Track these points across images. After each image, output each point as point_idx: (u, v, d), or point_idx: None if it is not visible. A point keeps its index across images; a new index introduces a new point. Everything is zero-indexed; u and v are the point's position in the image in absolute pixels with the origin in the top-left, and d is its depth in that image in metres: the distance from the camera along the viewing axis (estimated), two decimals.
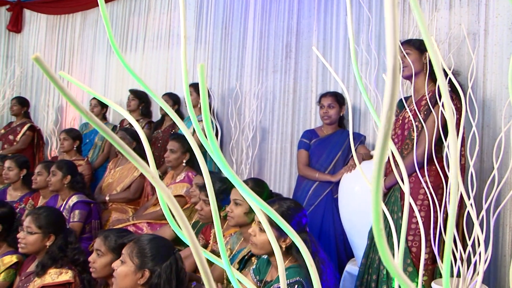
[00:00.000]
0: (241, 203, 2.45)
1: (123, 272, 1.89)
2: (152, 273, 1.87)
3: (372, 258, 2.68)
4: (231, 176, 0.51)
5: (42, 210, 2.60)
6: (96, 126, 0.40)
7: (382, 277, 2.59)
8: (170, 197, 0.42)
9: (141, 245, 1.93)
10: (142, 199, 4.19)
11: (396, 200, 2.64)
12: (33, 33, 6.92)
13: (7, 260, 2.70)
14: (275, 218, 0.52)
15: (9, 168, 4.04)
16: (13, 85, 6.51)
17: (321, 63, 4.28)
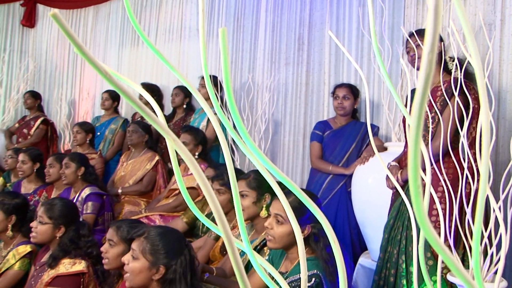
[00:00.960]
0: (248, 194, 2.45)
1: (137, 268, 1.87)
2: (168, 269, 1.86)
3: (390, 252, 2.63)
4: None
5: (56, 201, 2.61)
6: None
7: (401, 271, 2.55)
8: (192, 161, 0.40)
9: (153, 241, 1.91)
10: (154, 192, 4.20)
11: None
12: (46, 27, 6.95)
13: (22, 250, 2.73)
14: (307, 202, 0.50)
15: (23, 162, 4.07)
16: (27, 79, 6.54)
17: (334, 55, 4.25)
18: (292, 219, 0.59)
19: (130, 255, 1.93)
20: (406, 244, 2.54)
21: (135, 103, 0.41)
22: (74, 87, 6.46)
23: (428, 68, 0.28)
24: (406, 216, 2.57)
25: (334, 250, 0.54)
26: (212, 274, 2.38)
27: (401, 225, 2.58)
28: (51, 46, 6.85)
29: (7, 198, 2.88)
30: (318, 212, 0.49)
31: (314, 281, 1.83)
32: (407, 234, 2.56)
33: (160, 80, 5.44)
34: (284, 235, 1.97)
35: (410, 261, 2.50)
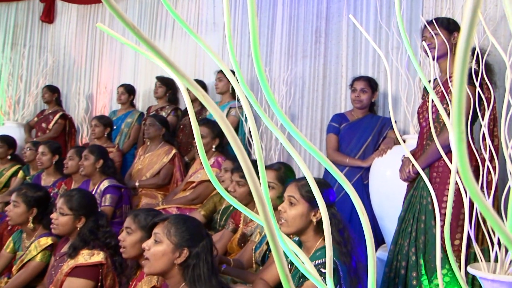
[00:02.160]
0: (275, 187, 2.44)
1: (160, 251, 1.86)
2: (191, 252, 1.86)
3: (401, 244, 2.62)
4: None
5: (75, 192, 2.64)
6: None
7: (411, 264, 2.53)
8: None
9: (178, 224, 1.91)
10: (171, 185, 4.22)
11: (425, 185, 2.56)
12: (64, 23, 7.01)
13: (43, 242, 2.76)
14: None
15: (42, 153, 4.12)
16: (45, 74, 6.61)
17: (351, 48, 4.21)
18: (317, 193, 0.58)
19: (152, 240, 1.91)
20: (417, 236, 2.53)
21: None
22: (92, 81, 6.52)
23: (464, 56, 0.27)
24: (417, 208, 2.56)
25: (363, 221, 0.53)
26: (229, 266, 2.38)
27: (412, 217, 2.57)
28: (69, 41, 6.92)
29: (29, 190, 2.92)
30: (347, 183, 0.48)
31: None
32: (417, 227, 2.54)
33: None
34: (296, 216, 1.97)
35: (420, 253, 2.49)
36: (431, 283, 2.43)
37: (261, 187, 0.43)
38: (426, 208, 2.52)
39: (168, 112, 4.93)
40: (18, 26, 7.15)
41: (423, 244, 2.50)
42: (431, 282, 2.44)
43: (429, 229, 2.48)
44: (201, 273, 1.84)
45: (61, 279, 2.40)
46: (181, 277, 1.89)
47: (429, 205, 2.51)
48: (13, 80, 6.70)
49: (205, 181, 3.66)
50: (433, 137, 2.52)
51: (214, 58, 0.55)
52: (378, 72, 4.02)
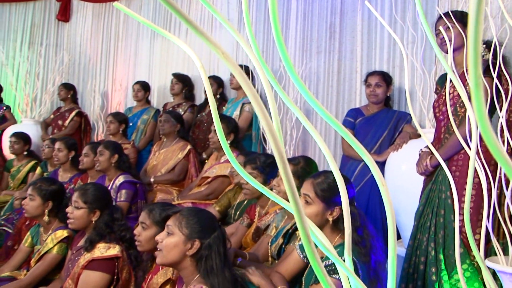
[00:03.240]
0: None
1: (172, 243, 1.88)
2: (202, 244, 1.87)
3: (419, 239, 2.59)
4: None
5: (89, 186, 2.66)
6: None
7: (430, 259, 2.50)
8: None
9: (189, 216, 1.92)
10: (186, 181, 4.23)
11: (444, 179, 2.53)
12: (80, 21, 7.08)
13: (59, 234, 2.79)
14: None
15: (59, 150, 4.17)
16: (61, 72, 6.67)
17: (366, 43, 4.18)
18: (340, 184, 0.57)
19: (164, 233, 1.94)
20: (436, 231, 2.50)
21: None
22: (107, 78, 6.57)
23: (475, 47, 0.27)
24: (436, 202, 2.53)
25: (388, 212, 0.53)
26: (245, 259, 2.38)
27: (431, 211, 2.54)
28: (84, 39, 6.98)
29: (44, 184, 2.95)
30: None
31: None
32: (436, 221, 2.51)
33: (192, 70, 5.46)
34: (311, 215, 1.95)
35: (440, 248, 2.46)
36: (451, 278, 2.41)
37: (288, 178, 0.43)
38: (445, 202, 2.48)
39: (184, 109, 4.95)
40: (35, 25, 7.23)
41: (442, 239, 2.47)
42: (451, 277, 2.41)
43: (449, 224, 2.45)
44: (213, 265, 1.84)
45: (78, 272, 2.42)
46: (194, 268, 1.90)
47: (448, 199, 2.47)
48: (30, 78, 6.78)
49: (220, 176, 3.67)
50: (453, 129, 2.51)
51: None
52: (393, 67, 3.99)
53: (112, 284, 2.42)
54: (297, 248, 2.15)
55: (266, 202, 2.82)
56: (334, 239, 1.97)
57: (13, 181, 4.95)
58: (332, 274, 1.81)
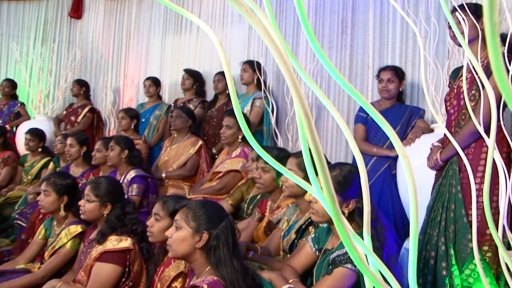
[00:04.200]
0: (295, 174, 2.42)
1: (180, 237, 1.89)
2: (210, 235, 1.87)
3: (430, 234, 2.57)
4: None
5: (101, 180, 2.68)
6: None
7: (441, 253, 2.48)
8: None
9: (195, 209, 1.93)
10: (197, 176, 4.24)
11: (454, 174, 2.52)
12: (92, 18, 7.14)
13: (73, 229, 2.81)
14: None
15: (70, 145, 4.20)
16: (74, 68, 6.73)
17: (378, 38, 4.16)
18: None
19: (173, 227, 1.95)
20: (446, 225, 2.48)
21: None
22: (119, 75, 6.60)
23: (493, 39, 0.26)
24: (446, 197, 2.51)
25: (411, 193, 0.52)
26: (256, 253, 2.38)
27: (441, 206, 2.52)
28: (96, 36, 7.03)
29: (58, 179, 2.97)
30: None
31: None
32: (447, 216, 2.49)
33: (203, 66, 5.47)
34: None
35: (450, 242, 2.44)
36: (462, 273, 2.39)
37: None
38: (455, 196, 2.47)
39: (195, 104, 4.96)
40: (48, 23, 7.31)
41: (453, 234, 2.45)
42: (462, 272, 2.39)
43: (459, 218, 2.43)
44: (221, 255, 1.85)
45: (90, 264, 2.44)
46: (205, 260, 1.90)
47: (459, 193, 2.46)
48: (43, 75, 6.85)
49: (231, 171, 3.67)
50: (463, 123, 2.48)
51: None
52: (405, 62, 3.96)
53: (124, 277, 2.43)
54: (309, 241, 2.15)
55: (278, 196, 2.82)
56: None
57: (26, 176, 5.00)
58: (344, 264, 1.81)
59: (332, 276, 1.82)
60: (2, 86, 6.28)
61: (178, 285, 2.21)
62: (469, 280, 2.37)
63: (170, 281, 2.22)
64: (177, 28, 5.87)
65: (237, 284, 1.80)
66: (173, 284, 2.22)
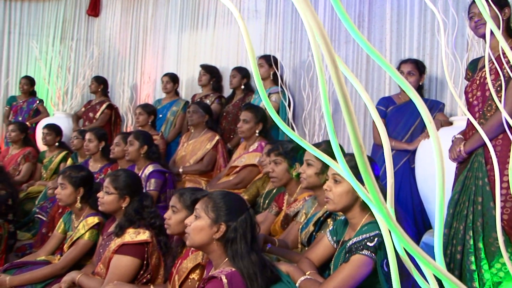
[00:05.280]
0: (313, 164, 2.41)
1: (198, 226, 1.90)
2: (228, 227, 1.87)
3: (456, 228, 2.51)
4: None
5: (121, 173, 2.70)
6: None
7: (468, 248, 2.41)
8: None
9: (216, 200, 1.93)
10: (214, 171, 4.25)
11: (480, 166, 2.46)
12: (109, 16, 7.21)
13: (90, 221, 2.84)
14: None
15: (89, 140, 4.24)
16: (92, 65, 6.80)
17: (395, 32, 4.12)
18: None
19: (193, 216, 1.96)
20: (473, 219, 2.43)
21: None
22: (136, 71, 6.65)
23: None
24: (472, 190, 2.46)
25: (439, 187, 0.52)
26: (274, 245, 2.38)
27: (467, 199, 2.47)
28: (114, 33, 7.09)
29: (73, 171, 3.01)
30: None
31: (377, 240, 1.79)
32: (474, 209, 2.44)
33: (220, 62, 5.48)
34: (342, 194, 1.94)
35: (478, 236, 2.38)
36: (492, 267, 2.33)
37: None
38: (483, 189, 2.41)
39: (212, 100, 4.97)
40: (66, 21, 7.42)
41: (481, 227, 2.39)
42: (492, 267, 2.34)
43: (488, 211, 2.38)
44: (238, 248, 1.84)
45: (109, 257, 2.46)
46: (222, 252, 1.90)
47: (486, 186, 2.40)
48: (62, 72, 6.94)
49: (249, 165, 3.67)
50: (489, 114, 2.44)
51: None
52: (423, 55, 3.92)
53: (142, 269, 2.45)
54: (327, 234, 2.14)
55: (294, 189, 2.81)
56: (363, 218, 1.95)
57: (46, 172, 5.07)
58: (361, 251, 1.80)
59: (349, 263, 1.81)
60: (21, 84, 6.38)
61: (196, 276, 2.22)
62: (499, 275, 2.31)
63: (187, 273, 2.23)
64: (194, 24, 5.89)
65: (254, 277, 1.80)
66: (191, 276, 2.23)
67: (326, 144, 2.46)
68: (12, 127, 5.31)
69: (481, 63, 2.64)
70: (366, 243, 1.80)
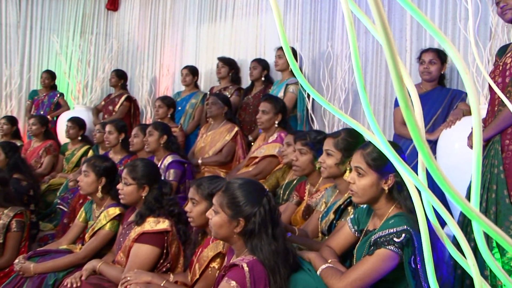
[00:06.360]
0: (333, 154, 2.38)
1: (218, 222, 1.90)
2: (247, 221, 1.86)
3: None
4: None
5: (138, 162, 2.70)
6: None
7: None
8: None
9: (231, 194, 1.90)
10: (233, 162, 4.25)
11: (496, 154, 2.42)
12: (128, 10, 7.26)
13: (112, 212, 2.86)
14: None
15: (109, 132, 4.27)
16: (111, 59, 6.85)
17: (416, 21, 4.05)
18: None
19: (212, 210, 1.95)
20: (487, 207, 2.39)
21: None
22: (155, 64, 6.68)
23: None
24: (487, 177, 2.42)
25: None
26: (294, 234, 2.37)
27: (482, 187, 2.43)
28: (132, 27, 7.14)
29: (98, 161, 3.03)
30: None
31: (405, 236, 1.75)
32: (488, 197, 2.40)
33: (238, 54, 5.47)
34: (366, 187, 1.90)
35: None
36: (504, 257, 2.31)
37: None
38: (498, 177, 2.38)
39: (231, 92, 4.96)
40: (86, 15, 7.49)
41: (494, 215, 2.36)
42: (504, 255, 2.31)
43: (501, 200, 2.35)
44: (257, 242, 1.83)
45: (129, 245, 2.48)
46: (243, 243, 1.90)
47: (501, 174, 2.37)
48: (82, 66, 7.01)
49: (268, 156, 3.66)
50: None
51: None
52: None
53: (162, 258, 2.46)
54: (348, 222, 2.11)
55: (316, 179, 2.79)
56: (389, 209, 1.91)
57: (67, 164, 5.14)
58: (387, 245, 1.77)
59: (373, 257, 1.78)
60: (43, 78, 6.46)
61: (216, 265, 2.22)
62: (510, 264, 2.29)
63: (208, 262, 2.23)
64: (212, 17, 5.88)
65: (276, 267, 1.79)
66: (211, 265, 2.23)
67: (345, 133, 2.43)
68: (32, 121, 5.38)
69: (508, 49, 2.58)
70: (393, 239, 1.76)
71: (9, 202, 3.22)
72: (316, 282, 1.84)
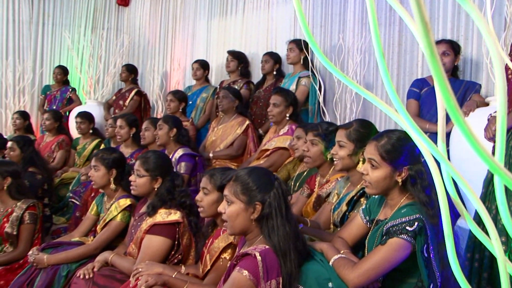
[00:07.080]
0: (345, 145, 2.36)
1: (234, 212, 1.86)
2: (263, 204, 1.85)
3: (488, 207, 2.44)
4: None
5: (150, 154, 2.71)
6: None
7: (500, 228, 2.34)
8: None
9: (244, 181, 1.89)
10: (244, 156, 4.24)
11: None
12: (139, 5, 7.29)
13: (122, 203, 2.87)
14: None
15: (120, 127, 4.29)
16: (122, 54, 6.89)
17: (428, 12, 4.00)
18: None
19: (225, 202, 1.92)
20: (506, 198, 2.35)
21: None
22: (166, 59, 6.69)
23: None
24: (507, 168, 2.39)
25: None
26: (306, 225, 2.35)
27: None
28: (143, 22, 7.16)
29: (105, 153, 3.05)
30: None
31: (417, 225, 1.74)
32: (507, 188, 2.36)
33: (249, 48, 5.46)
34: (380, 179, 1.88)
35: None
36: None
37: None
38: None
39: (240, 85, 4.95)
40: (97, 11, 7.55)
41: None
42: None
43: None
44: (274, 224, 1.82)
45: (141, 237, 2.48)
46: (258, 230, 1.88)
47: None
48: (93, 61, 7.05)
49: (279, 148, 3.65)
50: None
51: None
52: (458, 37, 3.80)
53: (173, 249, 2.47)
54: (360, 212, 2.10)
55: (327, 170, 2.77)
56: (402, 199, 1.90)
57: (79, 159, 5.17)
58: (399, 235, 1.75)
59: (386, 246, 1.77)
60: (55, 73, 6.51)
61: (227, 256, 2.22)
62: None
63: (219, 253, 2.23)
64: (223, 10, 5.87)
65: (288, 252, 1.78)
66: (222, 256, 2.23)
67: (357, 124, 2.41)
68: (47, 116, 5.42)
69: None
70: (405, 227, 1.75)
71: (22, 194, 3.24)
72: (328, 273, 1.82)
